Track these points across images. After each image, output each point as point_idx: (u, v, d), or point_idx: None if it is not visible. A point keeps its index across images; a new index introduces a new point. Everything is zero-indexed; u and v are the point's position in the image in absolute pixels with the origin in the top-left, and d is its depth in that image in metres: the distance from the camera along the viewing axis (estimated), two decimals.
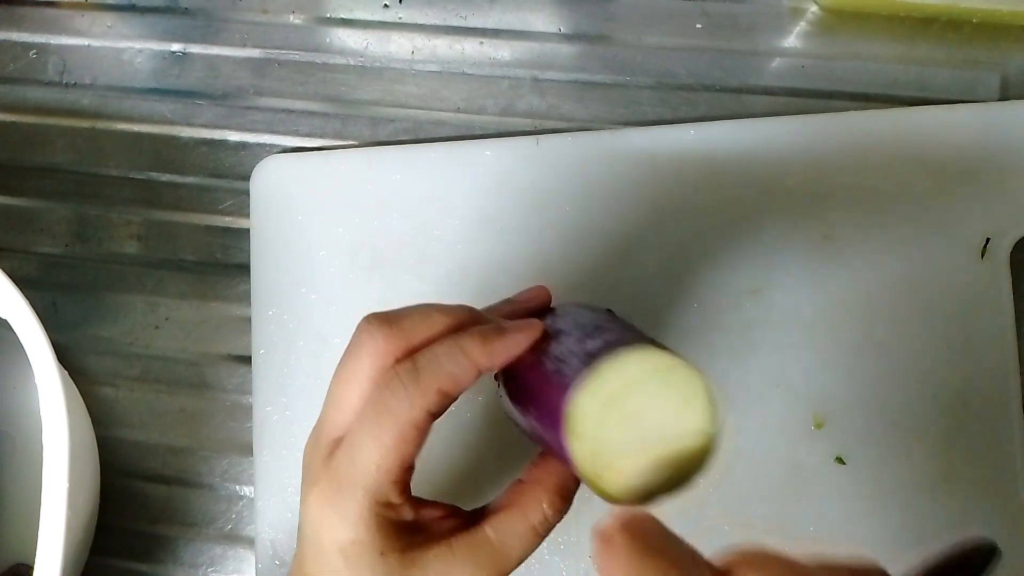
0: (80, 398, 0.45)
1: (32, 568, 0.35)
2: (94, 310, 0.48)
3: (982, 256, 0.42)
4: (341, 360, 0.30)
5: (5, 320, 0.37)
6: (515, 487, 0.30)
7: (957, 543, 0.32)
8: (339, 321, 0.44)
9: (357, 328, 0.30)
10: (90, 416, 0.46)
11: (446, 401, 0.28)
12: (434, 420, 0.28)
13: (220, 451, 0.46)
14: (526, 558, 0.28)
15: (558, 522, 0.29)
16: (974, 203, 0.42)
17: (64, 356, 0.47)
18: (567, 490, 0.30)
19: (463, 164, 0.45)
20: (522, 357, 0.30)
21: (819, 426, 0.41)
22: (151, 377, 0.47)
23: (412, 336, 0.29)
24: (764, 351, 0.42)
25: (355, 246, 0.45)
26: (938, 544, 0.39)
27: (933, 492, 0.40)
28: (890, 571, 0.26)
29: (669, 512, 0.40)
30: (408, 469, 0.28)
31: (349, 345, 0.30)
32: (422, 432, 0.28)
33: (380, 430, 0.27)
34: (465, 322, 0.30)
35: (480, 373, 0.29)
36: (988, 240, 0.42)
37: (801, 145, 0.43)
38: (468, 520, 0.29)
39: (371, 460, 0.27)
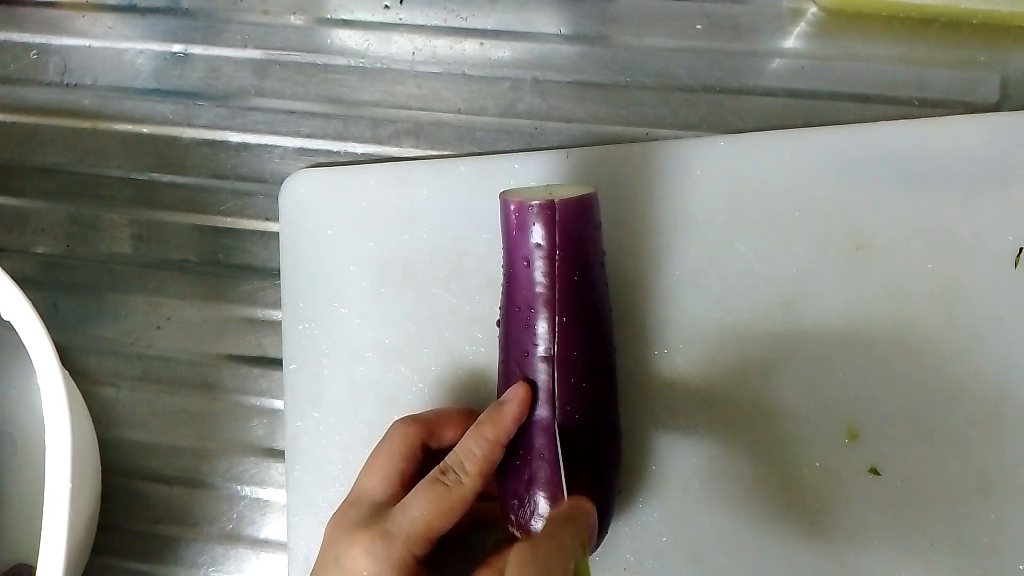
0: (81, 399, 0.45)
1: (34, 568, 0.35)
2: (95, 310, 0.48)
3: (1015, 265, 0.42)
4: (376, 447, 0.38)
5: (7, 321, 0.37)
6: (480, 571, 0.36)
7: None
8: (371, 335, 0.45)
9: (390, 427, 0.38)
10: (92, 416, 0.46)
11: (485, 482, 0.36)
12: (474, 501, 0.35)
13: (221, 451, 0.46)
14: None
15: None
16: (1006, 212, 0.42)
17: (65, 356, 0.47)
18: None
19: (493, 178, 0.44)
20: None
21: (853, 437, 0.41)
22: (152, 377, 0.47)
23: (433, 426, 0.38)
24: (796, 362, 0.42)
25: (386, 260, 0.45)
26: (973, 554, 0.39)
27: (968, 502, 0.40)
28: None
29: (702, 521, 0.41)
30: (436, 540, 0.34)
31: (383, 437, 0.38)
32: (465, 508, 0.35)
33: (436, 500, 0.34)
34: (470, 412, 0.39)
35: (502, 446, 0.36)
36: (1021, 249, 0.42)
37: (833, 156, 0.43)
38: None
39: (420, 517, 0.34)
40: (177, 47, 0.49)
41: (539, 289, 0.37)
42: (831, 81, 0.45)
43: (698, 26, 0.46)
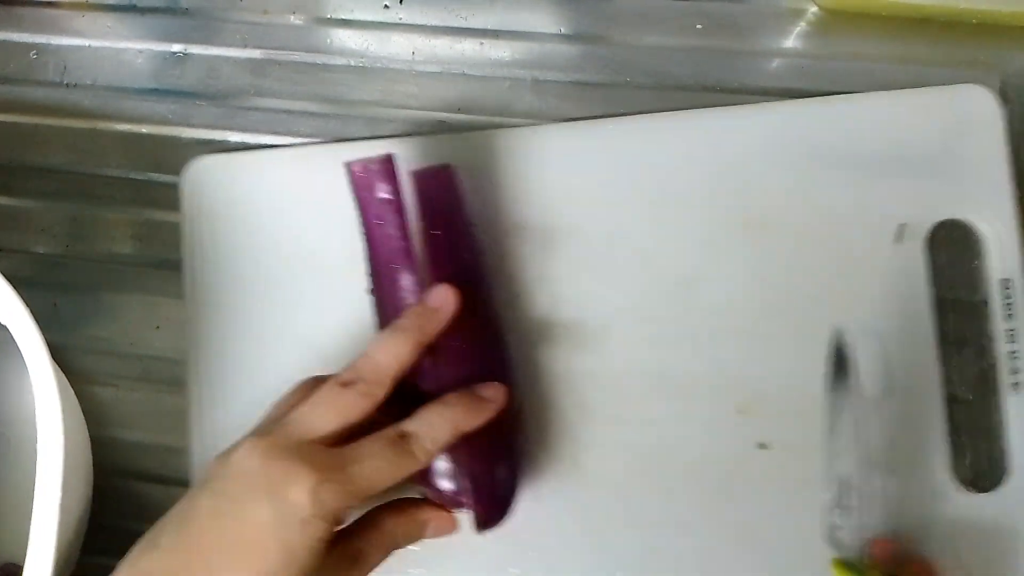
0: (75, 398, 0.45)
1: (22, 569, 0.35)
2: (94, 310, 0.48)
3: (898, 242, 0.42)
4: (288, 394, 0.37)
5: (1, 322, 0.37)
6: (381, 513, 0.37)
7: None
8: (272, 320, 0.45)
9: (299, 383, 0.38)
10: (90, 416, 0.46)
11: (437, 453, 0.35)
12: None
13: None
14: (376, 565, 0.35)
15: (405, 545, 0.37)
16: (890, 189, 0.43)
17: (63, 356, 0.47)
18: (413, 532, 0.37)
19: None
20: None
21: (743, 413, 0.42)
22: (151, 377, 0.47)
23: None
24: (689, 340, 0.43)
25: (287, 245, 0.45)
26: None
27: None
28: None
29: (601, 501, 0.41)
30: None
31: (295, 388, 0.37)
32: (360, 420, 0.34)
33: (394, 465, 0.33)
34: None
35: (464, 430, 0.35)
36: (904, 226, 0.42)
37: (727, 138, 0.44)
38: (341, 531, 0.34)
39: (377, 479, 0.33)
40: (176, 47, 0.49)
41: (396, 243, 0.38)
42: (831, 80, 0.45)
43: (698, 26, 0.46)
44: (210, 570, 0.31)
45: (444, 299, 0.37)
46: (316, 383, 0.37)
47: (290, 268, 0.45)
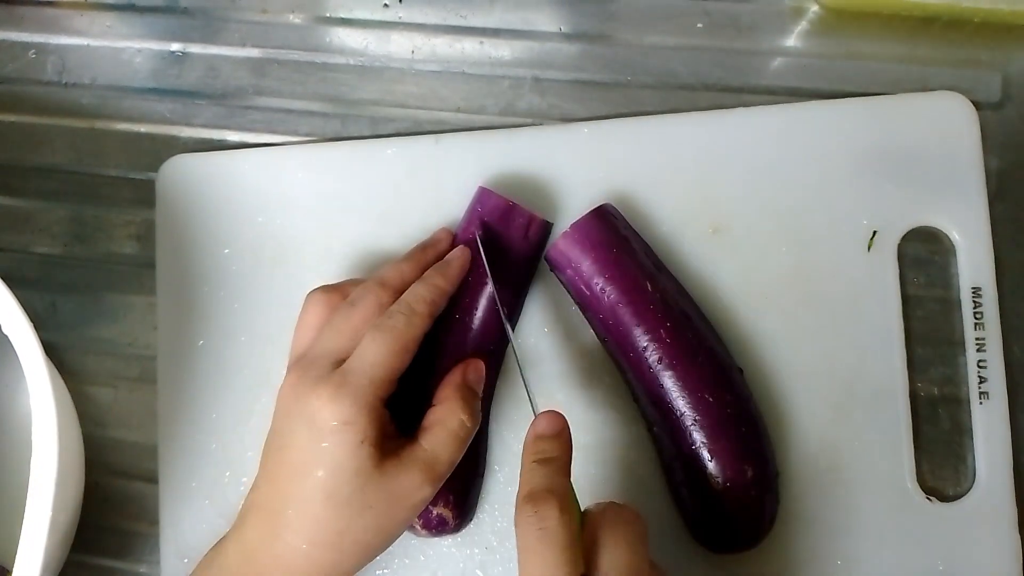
0: (69, 398, 0.45)
1: (10, 572, 0.34)
2: (93, 310, 0.48)
3: (868, 249, 0.42)
4: (301, 318, 0.39)
5: None
6: (432, 409, 0.37)
7: None
8: (242, 317, 0.45)
9: (307, 298, 0.40)
10: (89, 416, 0.46)
11: (430, 324, 0.37)
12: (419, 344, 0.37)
13: None
14: (456, 460, 0.36)
15: (473, 428, 0.37)
16: (862, 196, 0.43)
17: (63, 356, 0.47)
18: (472, 404, 0.37)
19: (365, 162, 0.45)
20: None
21: None
22: (150, 378, 0.46)
23: (347, 288, 0.39)
24: None
25: (259, 243, 0.46)
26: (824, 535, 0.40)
27: (820, 481, 0.41)
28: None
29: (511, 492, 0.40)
30: (395, 381, 0.36)
31: (304, 308, 0.39)
32: (415, 348, 0.36)
33: (387, 342, 0.35)
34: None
35: (447, 295, 0.39)
36: (875, 233, 0.42)
37: (692, 140, 0.44)
38: (407, 440, 0.36)
39: (378, 361, 0.35)
40: (175, 46, 0.49)
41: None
42: (833, 80, 0.45)
43: (699, 24, 0.46)
44: (289, 501, 0.34)
45: (464, 256, 0.40)
46: (325, 292, 0.39)
47: (260, 266, 0.45)
